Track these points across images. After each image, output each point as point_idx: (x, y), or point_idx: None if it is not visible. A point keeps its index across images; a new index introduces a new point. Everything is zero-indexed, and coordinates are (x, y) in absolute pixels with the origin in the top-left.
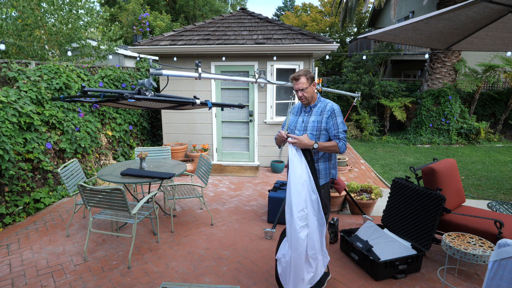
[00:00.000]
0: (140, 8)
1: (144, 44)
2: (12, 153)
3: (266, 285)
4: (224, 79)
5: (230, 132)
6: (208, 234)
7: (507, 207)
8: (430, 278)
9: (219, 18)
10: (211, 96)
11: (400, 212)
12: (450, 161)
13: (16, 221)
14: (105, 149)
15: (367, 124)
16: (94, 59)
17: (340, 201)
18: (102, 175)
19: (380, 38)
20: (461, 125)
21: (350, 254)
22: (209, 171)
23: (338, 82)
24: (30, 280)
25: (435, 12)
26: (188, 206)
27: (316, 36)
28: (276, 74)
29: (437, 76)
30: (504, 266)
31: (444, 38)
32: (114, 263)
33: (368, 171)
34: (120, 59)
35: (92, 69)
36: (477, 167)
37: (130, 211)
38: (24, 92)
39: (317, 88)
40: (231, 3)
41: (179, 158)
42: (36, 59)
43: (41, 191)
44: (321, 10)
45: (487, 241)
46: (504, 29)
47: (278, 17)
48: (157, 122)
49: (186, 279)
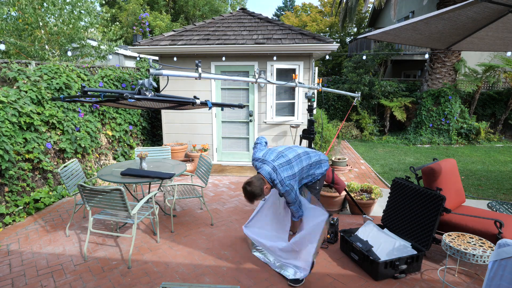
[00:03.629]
0: (140, 8)
1: (144, 44)
2: (12, 153)
3: (266, 285)
4: (224, 79)
5: (230, 132)
6: (208, 234)
7: (507, 207)
8: (430, 278)
9: (219, 18)
10: (211, 96)
11: (400, 212)
12: (450, 161)
13: (16, 221)
14: (105, 149)
15: (367, 124)
16: (94, 59)
17: (340, 201)
18: (102, 175)
19: (380, 38)
20: (461, 125)
21: (350, 254)
22: (209, 171)
23: (338, 82)
24: (30, 280)
25: (435, 12)
26: (188, 206)
27: (316, 36)
28: (276, 74)
29: (437, 76)
30: (504, 266)
31: (444, 38)
32: (114, 263)
33: (368, 171)
34: (120, 59)
35: (92, 69)
36: (477, 167)
37: (130, 211)
38: (24, 92)
39: (317, 88)
40: (231, 3)
41: (179, 158)
42: (36, 59)
43: (41, 191)
44: (321, 10)
45: (487, 241)
46: (504, 29)
47: (278, 17)
48: (157, 122)
49: (186, 279)
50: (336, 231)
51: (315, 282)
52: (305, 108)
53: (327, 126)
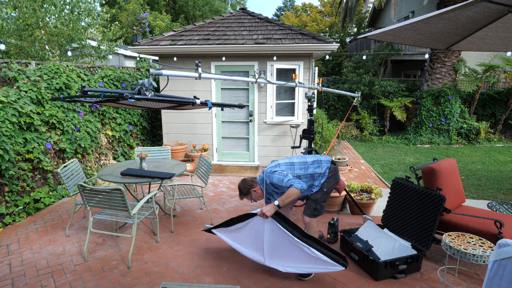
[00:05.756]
0: (140, 8)
1: (144, 44)
2: (12, 153)
3: (266, 285)
4: (224, 79)
5: (230, 132)
6: (208, 234)
7: (507, 207)
8: (430, 278)
9: (219, 18)
10: (211, 96)
11: (400, 212)
12: (450, 161)
13: (16, 221)
14: (105, 149)
15: (367, 124)
16: (94, 59)
17: (340, 201)
18: (102, 175)
19: (380, 38)
20: (461, 125)
21: (350, 254)
22: (209, 171)
23: (338, 82)
24: (30, 280)
25: (435, 12)
26: (188, 206)
27: (316, 36)
28: (276, 74)
29: (437, 76)
30: (504, 266)
31: (444, 38)
32: (114, 263)
33: (368, 171)
34: (120, 59)
35: (92, 69)
36: (477, 167)
37: (130, 211)
38: (24, 92)
39: (317, 88)
40: (231, 3)
41: (179, 158)
42: (36, 59)
43: (41, 191)
44: (321, 10)
45: (487, 241)
46: (504, 29)
47: (278, 17)
48: (157, 122)
49: (186, 279)
50: (336, 231)
51: (315, 282)
52: (305, 108)
53: (327, 126)
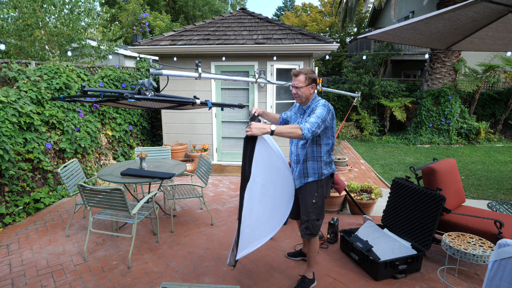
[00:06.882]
0: (140, 8)
1: (144, 44)
2: (12, 153)
3: (266, 285)
4: (224, 79)
5: (230, 132)
6: (208, 234)
7: (507, 207)
8: (430, 278)
9: (219, 18)
10: (211, 96)
11: (400, 212)
12: (450, 161)
13: (16, 221)
14: (105, 149)
15: (367, 124)
16: (94, 59)
17: (340, 201)
18: (102, 175)
19: (380, 38)
20: (461, 125)
21: (350, 254)
22: (209, 171)
23: (338, 82)
24: (30, 280)
25: (435, 12)
26: (188, 206)
27: (316, 36)
28: (276, 74)
29: (437, 76)
30: (504, 266)
31: (444, 38)
32: (114, 263)
33: (368, 171)
34: (120, 59)
35: (92, 69)
36: (477, 167)
37: (130, 211)
38: (24, 92)
39: (317, 88)
40: (231, 3)
41: (179, 158)
42: (36, 59)
43: (41, 191)
44: (321, 10)
45: (487, 241)
46: (504, 29)
47: (278, 17)
48: (157, 122)
49: (186, 279)
50: (336, 231)
51: (315, 282)
52: None
53: None
